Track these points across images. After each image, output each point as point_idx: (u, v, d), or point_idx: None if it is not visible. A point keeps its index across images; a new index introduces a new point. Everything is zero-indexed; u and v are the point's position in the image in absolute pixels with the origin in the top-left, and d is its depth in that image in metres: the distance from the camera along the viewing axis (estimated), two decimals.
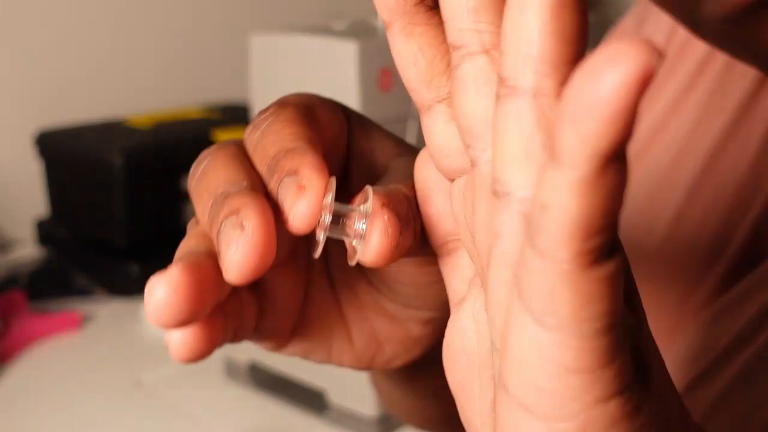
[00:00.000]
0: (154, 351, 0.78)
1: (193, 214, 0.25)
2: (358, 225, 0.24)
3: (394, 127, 0.63)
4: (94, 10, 1.06)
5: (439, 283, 0.26)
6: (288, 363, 0.66)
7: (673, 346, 0.38)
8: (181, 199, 0.94)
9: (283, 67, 0.63)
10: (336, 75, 0.60)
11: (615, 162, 0.15)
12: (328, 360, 0.29)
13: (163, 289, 0.22)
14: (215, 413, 0.66)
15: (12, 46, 1.00)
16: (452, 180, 0.23)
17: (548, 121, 0.17)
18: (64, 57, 1.05)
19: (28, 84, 1.02)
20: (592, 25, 0.85)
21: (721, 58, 0.42)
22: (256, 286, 0.26)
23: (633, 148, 0.43)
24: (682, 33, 0.44)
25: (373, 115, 0.62)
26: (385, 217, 0.23)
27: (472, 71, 0.19)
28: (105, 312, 0.86)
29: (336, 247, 0.28)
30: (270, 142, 0.25)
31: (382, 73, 0.60)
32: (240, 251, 0.21)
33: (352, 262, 0.24)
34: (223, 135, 0.97)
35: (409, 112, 0.63)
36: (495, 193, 0.18)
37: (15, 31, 1.00)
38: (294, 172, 0.23)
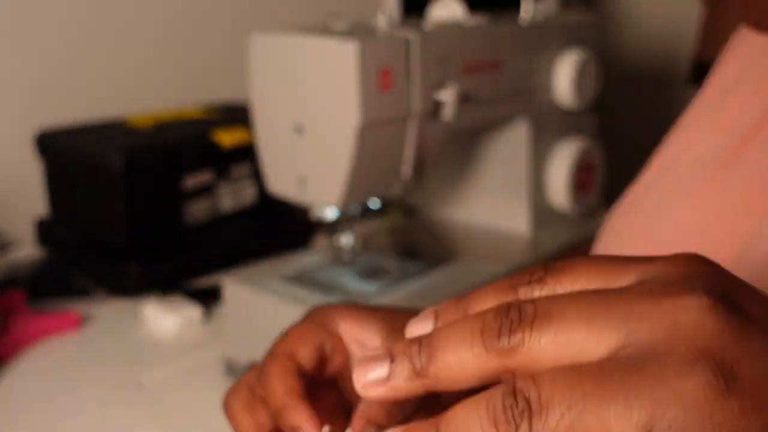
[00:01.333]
0: (153, 351, 0.77)
1: (192, 215, 0.27)
2: None
3: (394, 127, 0.64)
4: (94, 10, 1.06)
5: None
6: None
7: None
8: (182, 199, 0.94)
9: (283, 67, 0.63)
10: (336, 75, 0.60)
11: None
12: None
13: None
14: (215, 413, 0.66)
15: (12, 45, 1.00)
16: None
17: None
18: (64, 57, 1.04)
19: (28, 84, 1.02)
20: (591, 23, 0.85)
21: None
22: None
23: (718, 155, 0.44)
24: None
25: (373, 115, 0.63)
26: None
27: None
28: (105, 312, 0.86)
29: None
30: (270, 393, 0.37)
31: (382, 73, 0.60)
32: None
33: None
34: (223, 135, 0.97)
35: (408, 112, 0.63)
36: None
37: (15, 30, 1.00)
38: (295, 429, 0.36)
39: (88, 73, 1.07)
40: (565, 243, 0.79)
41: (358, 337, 0.41)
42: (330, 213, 0.67)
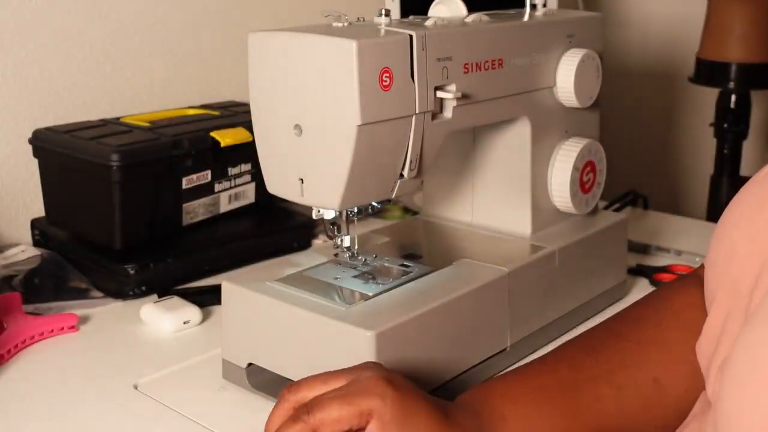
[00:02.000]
0: (151, 352, 0.77)
1: (191, 215, 0.26)
2: None
3: (394, 127, 0.63)
4: (92, 10, 1.06)
5: None
6: (286, 364, 0.65)
7: None
8: (180, 199, 0.94)
9: (282, 67, 0.63)
10: (336, 74, 0.59)
11: None
12: None
13: None
14: (213, 415, 0.66)
15: (9, 46, 0.99)
16: None
17: None
18: (62, 57, 1.04)
19: (25, 84, 1.01)
20: (592, 21, 0.84)
21: None
22: None
23: None
24: None
25: (373, 114, 0.62)
26: None
27: None
28: (101, 313, 0.85)
29: None
30: None
31: (382, 73, 0.60)
32: None
33: None
34: (223, 135, 0.96)
35: (409, 111, 0.63)
36: None
37: (12, 31, 0.99)
38: None
39: (86, 74, 1.06)
40: (567, 243, 0.78)
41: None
42: (329, 213, 0.66)
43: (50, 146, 0.93)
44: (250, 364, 0.68)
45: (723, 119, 1.34)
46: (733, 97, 1.32)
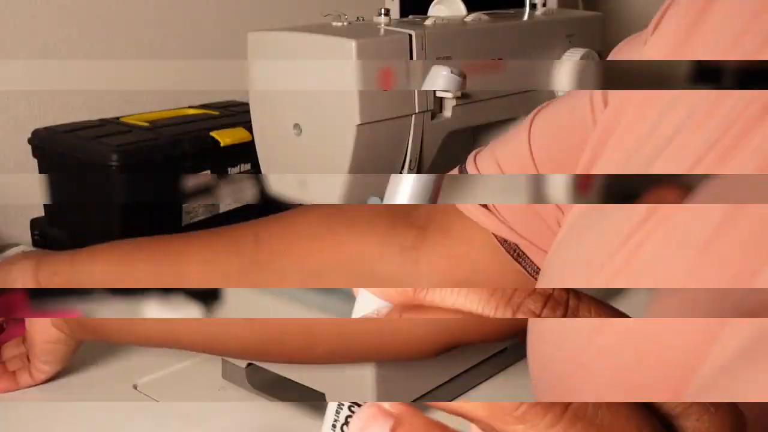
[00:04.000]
0: (150, 352, 0.77)
1: (191, 215, 0.26)
2: None
3: (394, 126, 0.63)
4: (92, 10, 1.06)
5: None
6: (287, 365, 0.65)
7: None
8: (180, 198, 0.94)
9: (282, 66, 0.63)
10: (335, 73, 0.59)
11: None
12: None
13: None
14: (213, 415, 0.66)
15: (9, 46, 0.99)
16: None
17: None
18: (62, 56, 1.04)
19: (24, 84, 1.01)
20: (592, 21, 0.84)
21: None
22: None
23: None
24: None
25: (373, 114, 0.62)
26: None
27: None
28: (104, 312, 0.85)
29: None
30: None
31: (382, 72, 0.60)
32: None
33: None
34: (223, 135, 0.96)
35: (408, 111, 0.63)
36: None
37: (12, 30, 0.99)
38: None
39: (86, 73, 1.06)
40: None
41: None
42: None
43: (49, 146, 0.93)
44: (249, 364, 0.68)
45: None
46: None
